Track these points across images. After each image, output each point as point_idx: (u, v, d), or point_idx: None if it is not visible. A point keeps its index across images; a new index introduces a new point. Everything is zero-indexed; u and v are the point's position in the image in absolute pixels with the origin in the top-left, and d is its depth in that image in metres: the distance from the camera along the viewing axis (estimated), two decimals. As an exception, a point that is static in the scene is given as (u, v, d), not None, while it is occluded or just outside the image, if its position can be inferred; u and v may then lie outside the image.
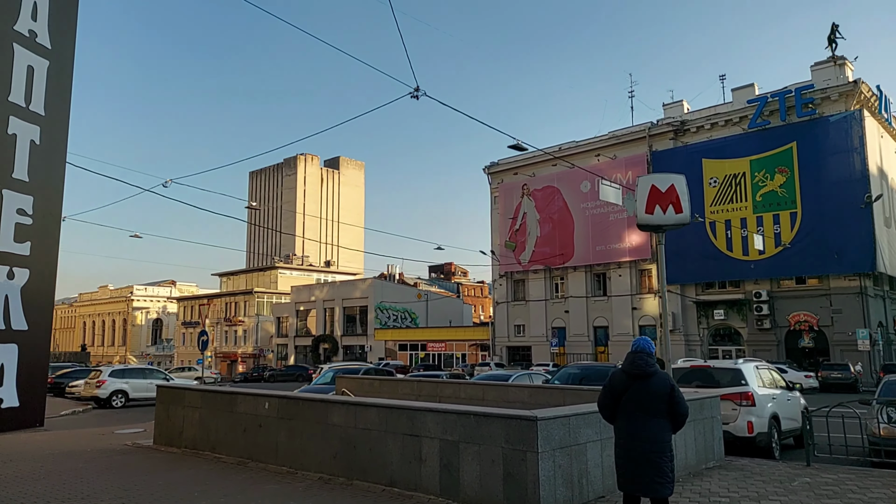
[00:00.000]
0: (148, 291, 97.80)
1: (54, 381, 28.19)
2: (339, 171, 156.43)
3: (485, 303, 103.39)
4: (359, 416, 7.64)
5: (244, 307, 78.33)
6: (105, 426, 15.90)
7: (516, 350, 51.43)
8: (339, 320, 65.94)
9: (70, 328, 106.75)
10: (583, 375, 13.58)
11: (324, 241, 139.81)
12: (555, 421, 6.17)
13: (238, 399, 9.52)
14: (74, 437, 12.99)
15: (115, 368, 23.94)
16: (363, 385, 13.49)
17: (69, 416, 19.97)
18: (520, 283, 52.11)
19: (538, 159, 51.03)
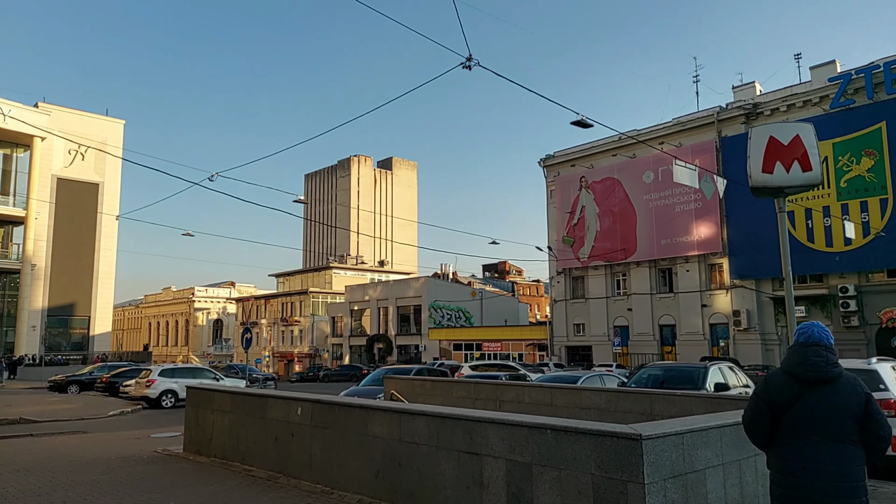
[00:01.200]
0: (208, 293, 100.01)
1: (109, 380, 28.12)
2: (391, 172, 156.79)
3: (540, 302, 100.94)
4: (404, 427, 6.21)
5: (300, 307, 78.76)
6: (146, 428, 15.10)
7: (576, 350, 49.22)
8: (392, 320, 65.19)
9: (137, 329, 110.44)
10: (665, 377, 11.77)
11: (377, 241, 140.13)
12: (665, 440, 4.55)
13: (269, 403, 8.26)
14: (106, 442, 12.11)
15: (164, 368, 23.45)
16: (413, 387, 12.10)
17: (116, 416, 19.44)
18: (579, 279, 49.86)
19: (596, 150, 48.73)
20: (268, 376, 40.44)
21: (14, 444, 12.01)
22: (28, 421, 17.23)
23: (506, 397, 10.39)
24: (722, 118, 42.08)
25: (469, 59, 13.59)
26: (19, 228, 60.77)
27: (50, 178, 62.68)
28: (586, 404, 9.23)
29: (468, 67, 13.69)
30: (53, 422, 17.30)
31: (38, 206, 60.70)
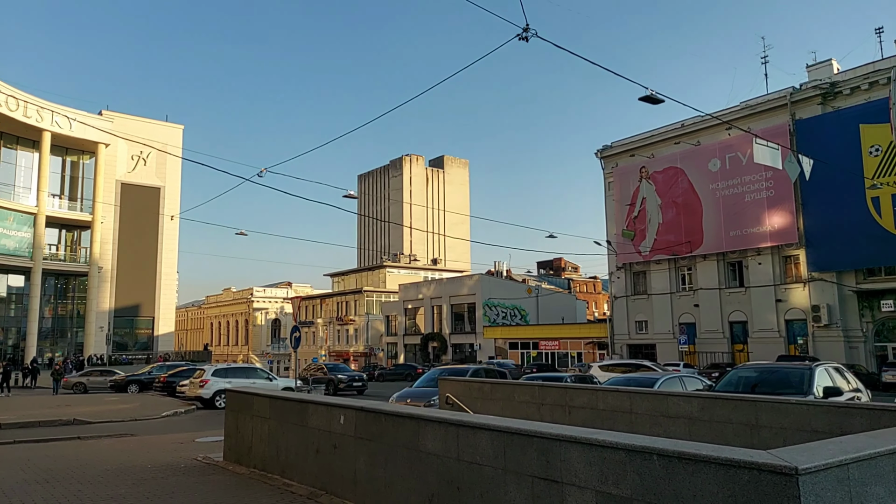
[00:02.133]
0: (266, 293, 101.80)
1: (166, 380, 28.20)
2: (443, 170, 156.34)
3: (598, 299, 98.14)
4: (463, 443, 5.11)
5: (355, 306, 78.99)
6: (194, 431, 14.55)
7: (638, 348, 47.07)
8: (446, 318, 64.33)
9: (199, 329, 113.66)
10: (759, 380, 10.27)
11: (430, 239, 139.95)
12: (827, 474, 3.27)
13: (309, 410, 7.31)
14: (149, 447, 11.52)
15: (217, 367, 23.17)
16: (471, 390, 10.99)
17: (169, 417, 19.14)
18: (640, 275, 47.65)
19: (657, 138, 46.44)
20: (354, 376, 32.05)
21: (57, 448, 11.58)
22: (81, 422, 17.07)
23: (576, 402, 9.14)
24: (795, 100, 39.20)
25: (526, 29, 12.43)
26: (86, 232, 63.04)
27: (114, 183, 64.73)
28: (673, 412, 7.90)
29: (525, 39, 12.54)
30: (106, 422, 17.08)
31: (104, 211, 62.79)
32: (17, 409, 20.17)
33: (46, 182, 58.14)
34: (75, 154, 63.28)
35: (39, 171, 57.66)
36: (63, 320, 62.90)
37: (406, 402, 14.17)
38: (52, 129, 57.98)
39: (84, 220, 62.07)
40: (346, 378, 30.94)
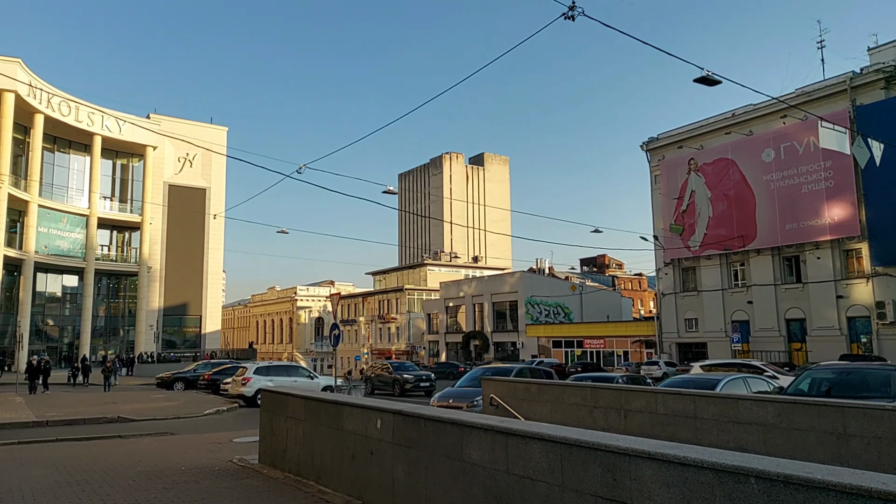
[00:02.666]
0: (309, 291, 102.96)
1: (211, 377, 28.39)
2: (483, 168, 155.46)
3: (643, 296, 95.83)
4: (513, 454, 4.50)
5: (396, 304, 79.03)
6: (234, 430, 14.32)
7: (688, 347, 45.44)
8: (488, 316, 63.61)
9: (245, 327, 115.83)
10: (835, 382, 9.32)
11: (471, 237, 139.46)
12: None
13: (344, 412, 6.81)
14: (187, 448, 11.27)
15: (259, 365, 23.08)
16: (516, 391, 10.35)
17: (211, 415, 19.09)
18: (689, 271, 45.98)
19: (706, 129, 44.69)
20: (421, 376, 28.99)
21: (96, 448, 11.44)
22: (125, 420, 17.11)
23: (633, 406, 8.40)
24: (856, 84, 37.05)
25: (572, 7, 11.71)
26: (136, 233, 64.77)
27: (162, 184, 66.28)
28: (745, 418, 7.10)
29: (571, 18, 11.82)
30: (149, 420, 17.08)
31: (152, 212, 64.37)
32: (66, 406, 20.46)
33: (98, 184, 59.86)
34: (125, 157, 65.03)
35: (91, 174, 59.41)
36: (115, 319, 64.76)
37: (448, 402, 13.63)
38: (103, 133, 59.68)
39: (134, 222, 63.76)
40: (412, 378, 28.40)
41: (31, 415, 17.56)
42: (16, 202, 51.60)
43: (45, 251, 55.26)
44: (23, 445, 11.84)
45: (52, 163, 58.16)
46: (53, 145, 58.22)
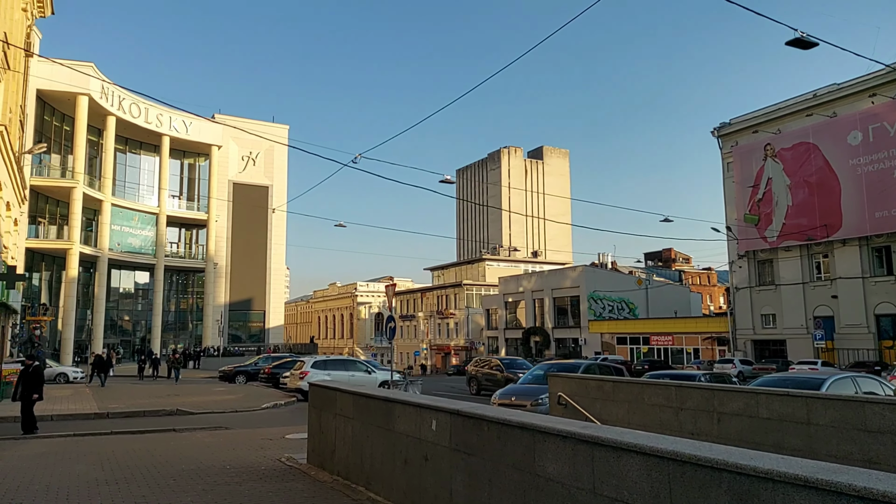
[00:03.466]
0: (369, 287, 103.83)
1: (271, 371, 28.42)
2: (542, 161, 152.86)
3: (713, 291, 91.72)
4: (601, 469, 3.54)
5: (454, 300, 78.46)
6: (288, 425, 13.84)
7: (764, 344, 42.73)
8: (549, 312, 62.08)
9: (307, 323, 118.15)
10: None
11: (529, 231, 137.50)
12: None
13: (395, 411, 6.00)
14: (237, 443, 10.79)
15: (317, 359, 22.78)
16: (588, 389, 9.31)
17: (268, 409, 18.81)
18: (766, 263, 43.19)
19: (784, 111, 41.80)
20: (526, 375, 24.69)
21: (148, 442, 11.13)
22: (183, 412, 17.00)
23: (727, 408, 7.25)
24: (958, 56, 33.56)
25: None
26: (203, 231, 66.69)
27: (227, 183, 67.98)
28: (875, 425, 5.87)
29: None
30: (206, 414, 16.91)
31: (218, 210, 66.07)
32: (130, 398, 20.69)
33: (167, 184, 61.87)
34: (192, 156, 67.01)
35: (160, 174, 61.47)
36: (183, 314, 66.96)
37: (511, 399, 12.70)
38: (171, 134, 61.63)
39: (200, 219, 65.65)
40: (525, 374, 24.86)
41: (94, 406, 17.72)
42: (91, 201, 53.83)
43: (118, 248, 57.48)
44: (77, 438, 11.69)
45: (123, 163, 60.44)
46: (125, 146, 60.49)
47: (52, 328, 51.76)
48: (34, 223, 51.28)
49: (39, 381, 12.87)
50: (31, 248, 50.03)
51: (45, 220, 52.68)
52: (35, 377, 12.80)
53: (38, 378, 12.85)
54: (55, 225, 53.09)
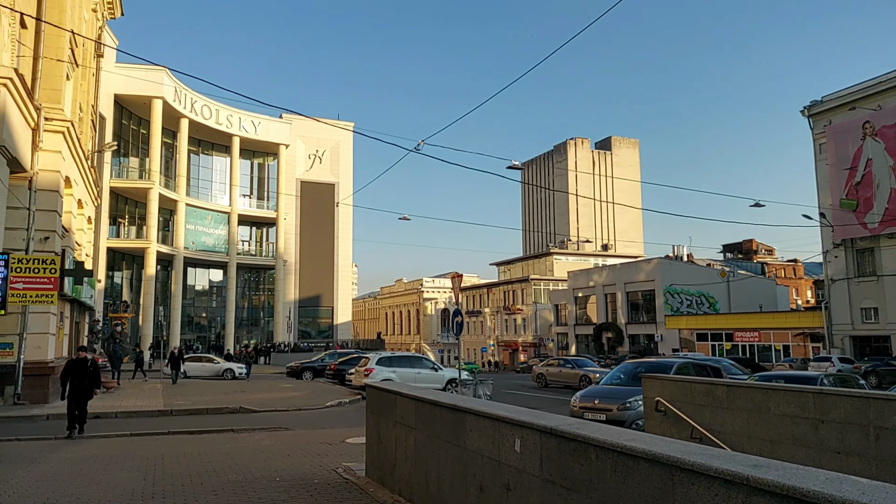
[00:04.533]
0: (435, 283, 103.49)
1: (337, 368, 27.93)
2: (611, 152, 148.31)
3: (799, 285, 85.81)
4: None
5: (522, 295, 76.77)
6: (349, 426, 12.95)
7: (865, 341, 39.03)
8: (621, 306, 59.47)
9: (375, 319, 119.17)
10: None
11: (598, 224, 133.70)
12: None
13: (467, 422, 4.81)
14: (293, 448, 9.92)
15: (382, 356, 21.98)
16: (693, 394, 7.83)
17: (333, 407, 18.10)
18: (866, 252, 39.39)
19: (886, 85, 37.92)
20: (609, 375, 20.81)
21: (202, 444, 10.44)
22: (247, 410, 16.49)
23: (891, 422, 5.68)
24: None
25: None
26: (272, 229, 67.87)
27: (295, 181, 68.95)
28: None
29: None
30: (269, 412, 16.34)
31: (286, 208, 67.10)
32: (197, 395, 20.51)
33: (237, 183, 63.26)
34: (261, 156, 68.29)
35: (231, 174, 62.89)
36: (255, 310, 68.42)
37: (594, 402, 11.31)
38: (241, 134, 62.92)
39: (270, 217, 66.81)
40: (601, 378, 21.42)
41: (160, 403, 17.50)
42: (167, 202, 55.57)
43: (193, 247, 59.14)
44: (132, 438, 11.18)
45: (196, 164, 62.18)
46: (198, 148, 62.18)
47: (133, 325, 53.80)
48: (115, 224, 53.41)
49: (97, 378, 11.90)
50: (112, 248, 52.11)
51: (125, 220, 54.78)
52: (95, 374, 11.73)
53: (97, 374, 11.83)
54: (134, 225, 55.15)
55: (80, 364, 11.64)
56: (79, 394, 11.39)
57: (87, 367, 11.65)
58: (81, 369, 11.53)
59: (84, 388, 11.44)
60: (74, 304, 21.33)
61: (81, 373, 11.47)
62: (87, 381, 11.53)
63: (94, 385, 11.76)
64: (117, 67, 51.44)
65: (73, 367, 11.58)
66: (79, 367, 11.57)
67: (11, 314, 16.46)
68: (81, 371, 11.49)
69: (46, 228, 17.36)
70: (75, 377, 11.41)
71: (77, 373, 11.45)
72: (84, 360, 11.79)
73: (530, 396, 23.19)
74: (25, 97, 15.65)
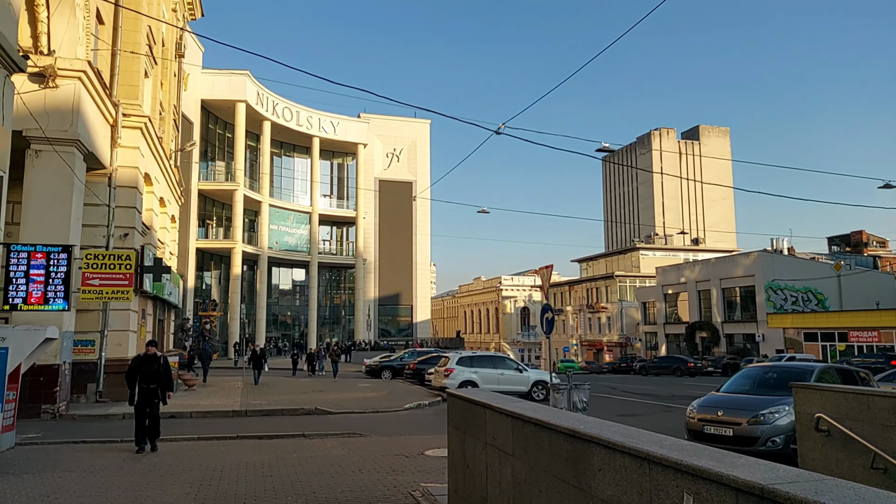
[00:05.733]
0: (514, 281, 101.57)
1: (416, 367, 26.97)
2: (698, 142, 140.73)
3: (919, 280, 77.53)
4: None
5: (606, 292, 73.61)
6: (429, 434, 11.73)
7: None
8: (716, 304, 55.50)
9: (454, 317, 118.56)
10: None
11: (686, 218, 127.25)
12: None
13: (592, 458, 3.36)
14: (368, 457, 8.78)
15: (462, 355, 20.69)
16: (873, 410, 5.99)
17: (412, 410, 17.00)
18: None
19: None
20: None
21: (268, 451, 9.49)
22: (322, 412, 15.66)
23: None
24: None
25: None
26: (352, 228, 68.41)
27: (373, 180, 69.22)
28: None
29: None
30: (345, 414, 15.44)
31: (365, 207, 67.44)
32: (275, 394, 20.01)
33: (318, 184, 64.08)
34: (340, 156, 68.98)
35: (311, 175, 63.78)
36: (336, 309, 69.18)
37: (717, 414, 9.51)
38: (320, 135, 63.70)
39: (349, 217, 67.36)
40: None
41: (237, 403, 17.01)
42: (251, 203, 56.91)
43: (277, 247, 60.33)
44: (199, 443, 10.43)
45: (279, 165, 63.44)
46: (280, 150, 63.42)
47: (222, 323, 55.40)
48: (203, 225, 55.20)
49: (169, 380, 9.94)
50: (201, 249, 53.89)
51: (212, 222, 56.51)
52: (166, 374, 9.81)
53: (168, 376, 9.89)
54: (221, 227, 56.80)
55: (149, 361, 9.74)
56: (147, 398, 9.60)
57: (158, 367, 9.74)
58: (151, 368, 9.69)
59: (153, 392, 9.65)
60: (157, 301, 21.37)
61: (150, 373, 9.64)
62: (157, 382, 9.69)
63: (166, 387, 9.86)
64: (203, 73, 53.13)
65: (140, 365, 9.73)
66: (148, 364, 9.71)
67: (92, 311, 16.44)
68: (150, 370, 9.66)
69: (126, 225, 17.25)
70: (144, 377, 9.61)
71: (146, 373, 9.63)
72: (154, 357, 9.81)
73: (630, 401, 21.22)
74: (101, 92, 15.49)
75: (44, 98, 13.74)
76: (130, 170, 17.57)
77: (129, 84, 17.87)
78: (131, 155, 17.63)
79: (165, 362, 10.04)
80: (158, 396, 9.75)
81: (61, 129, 13.78)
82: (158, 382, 9.72)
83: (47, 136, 13.50)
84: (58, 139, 13.70)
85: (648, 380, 36.84)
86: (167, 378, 9.92)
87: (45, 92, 13.78)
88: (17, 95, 13.42)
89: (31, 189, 13.71)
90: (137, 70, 18.27)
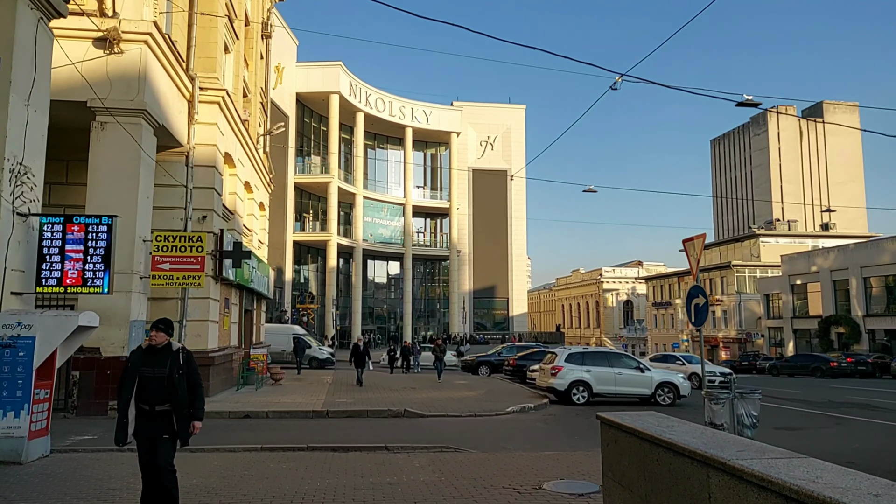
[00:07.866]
0: (616, 273, 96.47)
1: (516, 363, 24.58)
2: (822, 120, 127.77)
3: None
4: None
5: (721, 284, 67.49)
6: (539, 449, 9.30)
7: None
8: (856, 296, 48.85)
9: (551, 311, 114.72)
10: None
11: (810, 203, 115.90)
12: None
13: None
14: (463, 488, 6.51)
15: (572, 351, 18.03)
16: None
17: (515, 414, 14.65)
18: None
19: None
20: None
21: (339, 473, 7.45)
22: (411, 414, 13.64)
23: None
24: None
25: None
26: (445, 219, 66.82)
27: (466, 170, 67.23)
28: None
29: None
30: (438, 417, 13.35)
31: (459, 198, 65.60)
32: (363, 392, 18.31)
33: (411, 175, 62.96)
34: (433, 146, 67.54)
35: (405, 165, 62.74)
36: (431, 301, 67.93)
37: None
38: (413, 125, 62.49)
39: (443, 208, 65.80)
40: None
41: (320, 402, 15.38)
42: (346, 195, 56.61)
43: (371, 239, 59.80)
44: (259, 454, 8.58)
45: (372, 157, 62.93)
46: (374, 142, 62.85)
47: (319, 316, 55.51)
48: (299, 219, 55.48)
49: (198, 393, 5.22)
50: (297, 242, 54.18)
51: (308, 215, 56.74)
52: (193, 377, 5.17)
53: (196, 383, 5.21)
54: (318, 220, 56.91)
55: (153, 358, 5.11)
56: (150, 433, 5.02)
57: (170, 367, 5.06)
58: (156, 371, 5.04)
59: (160, 420, 5.02)
60: (244, 290, 20.28)
61: (155, 381, 5.02)
62: (168, 397, 5.02)
63: (186, 410, 5.08)
64: (297, 67, 53.24)
65: (139, 365, 5.08)
66: (151, 364, 5.06)
67: (170, 299, 15.32)
68: (154, 376, 5.03)
69: (204, 207, 16.04)
70: (144, 389, 5.00)
71: (148, 381, 5.01)
72: (164, 351, 5.15)
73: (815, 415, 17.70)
74: (174, 61, 14.23)
75: (107, 65, 12.53)
76: (208, 147, 16.34)
77: (206, 56, 16.64)
78: (209, 132, 16.39)
79: (188, 359, 5.24)
80: (169, 428, 5.02)
81: (126, 99, 12.53)
82: (171, 399, 5.02)
83: (109, 106, 12.28)
84: (122, 109, 12.46)
85: (782, 381, 32.26)
86: (193, 389, 5.15)
87: (108, 59, 12.56)
88: (81, 63, 12.38)
89: (95, 165, 12.57)
90: (215, 41, 17.03)
